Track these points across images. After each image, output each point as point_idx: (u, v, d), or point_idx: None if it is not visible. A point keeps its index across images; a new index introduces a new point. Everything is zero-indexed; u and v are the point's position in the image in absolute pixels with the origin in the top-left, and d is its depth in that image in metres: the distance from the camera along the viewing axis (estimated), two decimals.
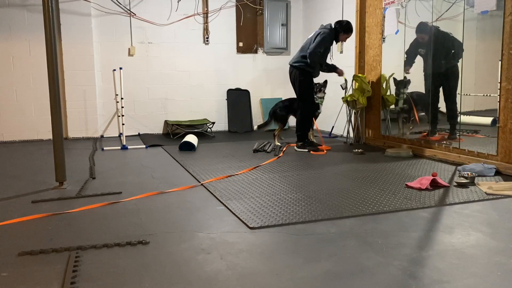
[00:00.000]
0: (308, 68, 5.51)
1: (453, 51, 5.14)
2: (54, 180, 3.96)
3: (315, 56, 5.43)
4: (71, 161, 4.97)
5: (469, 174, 3.96)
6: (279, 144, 6.02)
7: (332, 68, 5.76)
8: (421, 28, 5.38)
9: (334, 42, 5.63)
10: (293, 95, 5.92)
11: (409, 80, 5.63)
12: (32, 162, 5.25)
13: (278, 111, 6.06)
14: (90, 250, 2.48)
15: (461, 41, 4.85)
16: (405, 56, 5.61)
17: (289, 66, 5.74)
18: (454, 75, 5.02)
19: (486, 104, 5.05)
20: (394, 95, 5.84)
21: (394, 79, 5.78)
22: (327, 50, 5.63)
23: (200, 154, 5.59)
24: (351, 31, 5.55)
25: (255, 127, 6.58)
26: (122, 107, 6.37)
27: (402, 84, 5.70)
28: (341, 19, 5.72)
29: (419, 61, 5.54)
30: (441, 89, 5.36)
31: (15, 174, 4.56)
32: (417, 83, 5.60)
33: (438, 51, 5.20)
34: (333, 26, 5.50)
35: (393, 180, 4.06)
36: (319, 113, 6.00)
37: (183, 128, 7.18)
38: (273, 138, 6.19)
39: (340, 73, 5.76)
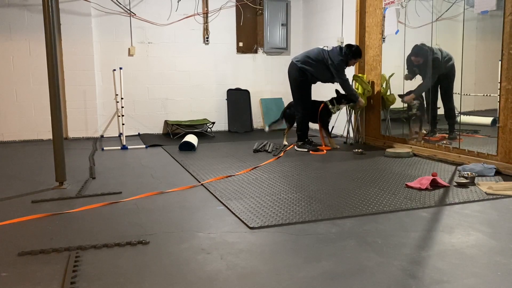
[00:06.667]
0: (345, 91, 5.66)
1: (447, 62, 5.19)
2: (54, 180, 3.96)
3: (347, 84, 5.57)
4: (71, 161, 4.97)
5: (469, 174, 3.95)
6: (286, 143, 5.99)
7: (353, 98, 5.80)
8: (416, 51, 5.40)
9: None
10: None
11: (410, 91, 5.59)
12: (32, 162, 5.24)
13: (288, 110, 6.04)
14: (90, 250, 2.48)
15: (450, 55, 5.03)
16: (406, 68, 5.58)
17: (291, 62, 5.70)
18: (450, 75, 5.03)
19: (486, 104, 5.05)
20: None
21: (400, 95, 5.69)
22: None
23: (200, 154, 5.59)
24: (360, 56, 5.61)
25: (266, 129, 6.36)
26: (122, 107, 6.37)
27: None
28: (351, 44, 5.64)
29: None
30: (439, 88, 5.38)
31: (15, 174, 4.56)
32: (416, 83, 5.59)
33: (433, 70, 5.26)
34: (343, 50, 5.45)
35: (393, 180, 4.06)
36: (328, 121, 5.93)
37: (183, 128, 7.18)
38: (282, 136, 6.23)
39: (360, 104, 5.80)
